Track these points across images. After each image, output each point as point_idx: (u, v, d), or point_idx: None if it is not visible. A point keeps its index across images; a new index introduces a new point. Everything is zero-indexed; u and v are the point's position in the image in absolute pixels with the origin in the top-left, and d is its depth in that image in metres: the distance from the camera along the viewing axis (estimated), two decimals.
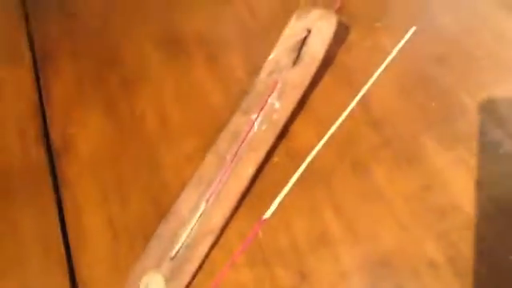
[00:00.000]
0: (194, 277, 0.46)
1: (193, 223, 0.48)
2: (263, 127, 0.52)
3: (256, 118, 0.53)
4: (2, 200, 0.51)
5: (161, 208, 0.50)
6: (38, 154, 0.54)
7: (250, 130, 0.52)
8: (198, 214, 0.48)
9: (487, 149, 0.48)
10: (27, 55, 0.62)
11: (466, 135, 0.49)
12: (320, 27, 0.56)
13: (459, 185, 0.47)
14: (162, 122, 0.55)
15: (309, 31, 0.56)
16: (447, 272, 0.44)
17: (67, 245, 0.48)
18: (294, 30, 0.58)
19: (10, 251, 0.48)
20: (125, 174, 0.52)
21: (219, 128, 0.53)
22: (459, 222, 0.45)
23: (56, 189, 0.51)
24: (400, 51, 0.56)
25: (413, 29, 0.59)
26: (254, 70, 0.56)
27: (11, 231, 0.49)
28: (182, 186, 0.50)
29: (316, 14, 0.57)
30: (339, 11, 0.60)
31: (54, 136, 0.55)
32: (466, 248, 0.44)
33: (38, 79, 0.59)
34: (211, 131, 0.53)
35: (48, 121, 0.56)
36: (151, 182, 0.52)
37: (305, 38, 0.56)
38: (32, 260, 0.47)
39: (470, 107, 0.51)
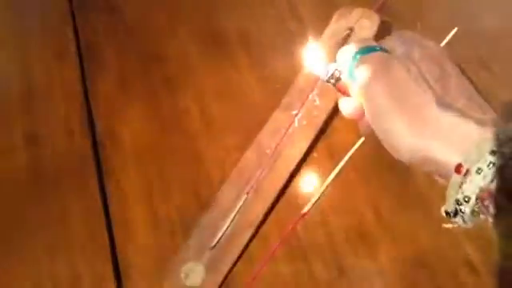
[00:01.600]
0: (233, 267, 0.48)
1: (233, 215, 0.49)
2: (303, 123, 0.53)
3: (297, 114, 0.53)
4: (51, 187, 0.52)
5: (201, 200, 0.51)
6: (84, 144, 0.55)
7: (290, 126, 0.53)
8: (238, 206, 0.49)
9: None
10: (73, 49, 0.63)
11: (508, 138, 0.49)
12: (362, 25, 0.57)
13: None
14: (203, 117, 0.56)
15: (351, 30, 0.57)
16: (484, 273, 0.44)
17: (111, 231, 0.50)
18: (335, 28, 0.58)
19: (58, 234, 0.50)
20: (167, 166, 0.54)
21: (260, 124, 0.54)
22: None
23: (101, 178, 0.53)
24: None
25: (455, 29, 0.59)
26: (296, 68, 0.56)
27: (59, 216, 0.51)
28: (223, 180, 0.51)
29: (358, 12, 0.58)
30: (380, 11, 0.60)
31: (99, 128, 0.56)
32: None
33: (83, 72, 0.61)
34: (252, 127, 0.54)
35: (93, 113, 0.57)
36: (193, 175, 0.53)
37: (347, 37, 0.57)
38: (78, 244, 0.49)
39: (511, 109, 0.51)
